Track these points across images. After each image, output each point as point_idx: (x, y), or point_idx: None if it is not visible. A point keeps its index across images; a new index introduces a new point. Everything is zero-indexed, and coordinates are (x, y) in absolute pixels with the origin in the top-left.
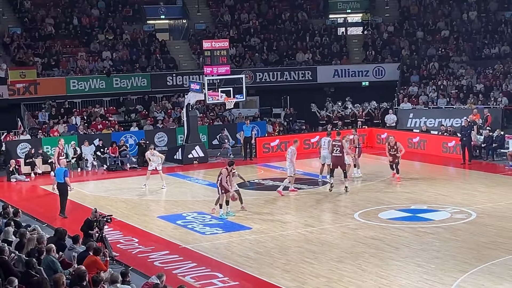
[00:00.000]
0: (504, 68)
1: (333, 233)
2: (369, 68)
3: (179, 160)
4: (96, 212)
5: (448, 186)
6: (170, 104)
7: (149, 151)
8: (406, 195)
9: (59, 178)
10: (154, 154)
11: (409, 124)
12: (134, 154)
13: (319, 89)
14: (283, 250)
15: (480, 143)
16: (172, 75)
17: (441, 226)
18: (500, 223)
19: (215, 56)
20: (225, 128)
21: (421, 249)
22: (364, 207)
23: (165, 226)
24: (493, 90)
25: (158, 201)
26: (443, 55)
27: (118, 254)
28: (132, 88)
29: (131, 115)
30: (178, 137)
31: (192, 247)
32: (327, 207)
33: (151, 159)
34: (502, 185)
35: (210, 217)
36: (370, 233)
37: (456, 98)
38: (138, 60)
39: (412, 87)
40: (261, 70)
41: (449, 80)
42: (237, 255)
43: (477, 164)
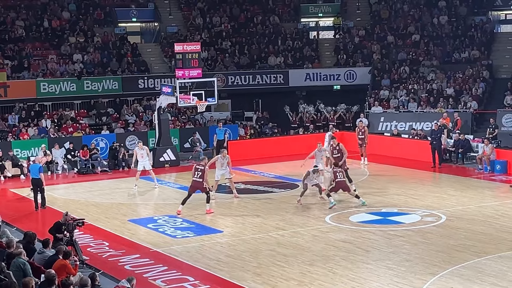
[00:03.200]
0: (473, 72)
1: (304, 236)
2: (341, 72)
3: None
4: (67, 216)
5: (419, 189)
6: (141, 107)
7: (138, 146)
8: (376, 198)
9: (34, 174)
10: (143, 148)
11: (380, 127)
12: (105, 158)
13: (291, 93)
14: (255, 253)
15: (450, 147)
16: (143, 78)
17: (411, 229)
18: (470, 226)
19: (187, 59)
20: (197, 131)
21: (391, 252)
22: (335, 210)
23: (136, 229)
24: (463, 94)
25: (129, 204)
26: (413, 59)
27: (88, 257)
28: (103, 91)
29: (102, 118)
30: (150, 140)
31: (163, 250)
32: (299, 210)
33: (138, 154)
34: (472, 189)
35: (182, 221)
36: (341, 236)
37: (427, 102)
38: (109, 63)
39: (383, 91)
40: (233, 73)
41: (419, 84)
42: (208, 258)
43: (447, 167)
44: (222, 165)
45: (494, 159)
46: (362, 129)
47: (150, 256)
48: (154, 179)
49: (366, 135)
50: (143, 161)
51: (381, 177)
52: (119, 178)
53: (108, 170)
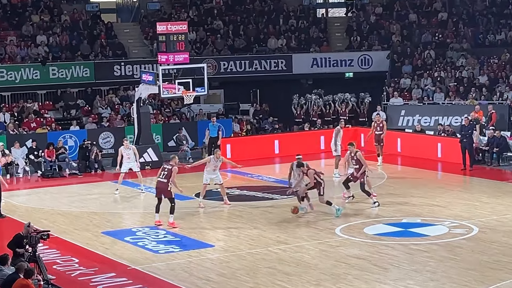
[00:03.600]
0: (511, 57)
1: (310, 252)
2: (354, 57)
3: None
4: (29, 227)
5: (446, 195)
6: (117, 99)
7: (123, 145)
8: (396, 206)
9: None
10: (130, 148)
11: (400, 122)
12: (74, 158)
13: (294, 81)
14: (251, 271)
15: (483, 145)
16: (120, 64)
17: (437, 243)
18: (506, 240)
19: (171, 42)
20: (183, 127)
21: (413, 270)
22: (347, 220)
23: (111, 243)
24: (498, 83)
25: (103, 213)
26: (440, 41)
27: (55, 277)
28: (72, 79)
29: (70, 112)
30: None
31: (143, 268)
32: (304, 220)
33: (124, 155)
34: (509, 195)
35: (165, 233)
36: (354, 251)
37: (456, 93)
38: (80, 46)
39: (404, 79)
40: (226, 58)
41: (447, 71)
42: (196, 277)
43: (480, 169)
44: (215, 168)
45: None
46: (380, 123)
47: (128, 275)
48: (142, 183)
49: (384, 130)
50: (129, 163)
51: (402, 181)
52: (91, 182)
53: (78, 173)
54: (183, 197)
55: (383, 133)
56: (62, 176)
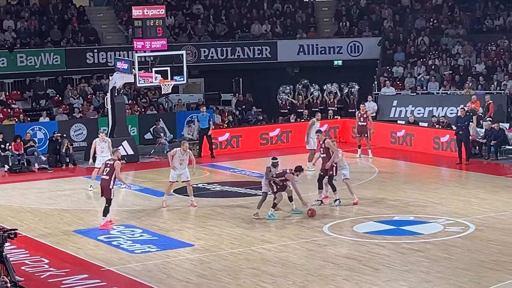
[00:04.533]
0: (510, 44)
1: (296, 251)
2: (343, 44)
3: None
4: None
5: (441, 191)
6: (90, 88)
7: (99, 137)
8: (388, 203)
9: None
10: (105, 140)
11: (392, 113)
12: (43, 152)
13: (280, 70)
14: (234, 272)
15: (480, 138)
16: (93, 51)
17: (432, 242)
18: (505, 238)
19: (148, 27)
20: (161, 118)
21: (406, 270)
22: (335, 217)
23: (83, 242)
24: (496, 71)
25: (74, 211)
26: (434, 27)
27: (23, 278)
28: (42, 67)
29: (40, 102)
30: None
31: (117, 269)
32: (290, 218)
33: (98, 147)
34: (507, 190)
35: (141, 231)
36: (343, 251)
37: (451, 82)
38: (50, 31)
39: (396, 68)
40: (206, 45)
41: (442, 59)
42: (175, 279)
43: (477, 164)
44: (181, 162)
45: None
46: (364, 114)
47: (102, 277)
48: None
49: (369, 121)
50: (103, 156)
51: (394, 176)
52: (62, 177)
53: (47, 167)
54: (161, 193)
55: (367, 124)
56: (31, 171)
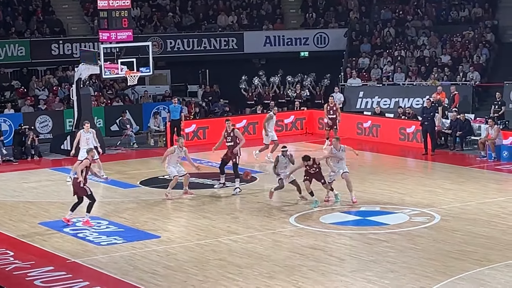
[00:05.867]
0: (475, 35)
1: (263, 242)
2: (309, 35)
3: (67, 150)
4: None
5: (407, 182)
6: (55, 80)
7: (84, 128)
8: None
9: None
10: (90, 132)
11: (358, 105)
12: (8, 144)
13: (246, 61)
14: (200, 263)
15: (446, 129)
16: (58, 42)
17: (397, 232)
18: (470, 228)
19: (114, 18)
20: (127, 110)
21: (372, 260)
22: (302, 208)
23: (48, 234)
24: (462, 62)
25: (40, 203)
26: (400, 18)
27: None
28: (6, 58)
29: (4, 94)
30: (67, 122)
31: (83, 261)
32: (256, 209)
33: (83, 138)
34: (472, 181)
35: (107, 223)
36: (310, 242)
37: (417, 73)
38: (14, 22)
39: (363, 59)
40: (172, 36)
41: (408, 50)
42: (141, 270)
43: (442, 154)
44: (178, 160)
45: (501, 143)
46: (333, 106)
47: (67, 269)
48: (101, 170)
49: (338, 114)
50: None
51: (360, 167)
52: (27, 169)
53: (12, 159)
54: (127, 185)
55: (337, 116)
56: None
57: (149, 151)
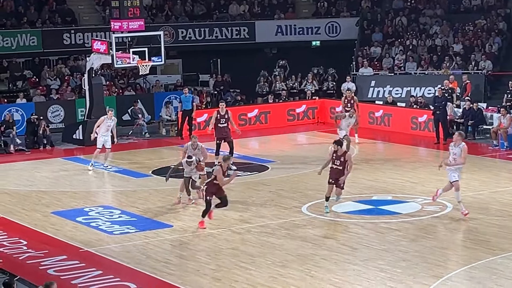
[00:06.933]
0: (487, 24)
1: (275, 231)
2: (321, 24)
3: (79, 140)
4: None
5: (419, 171)
6: (67, 69)
7: (107, 115)
8: (366, 183)
9: None
10: (113, 119)
11: (370, 94)
12: (21, 133)
13: (258, 50)
14: (213, 253)
15: (458, 118)
16: (70, 32)
17: (410, 221)
18: (482, 217)
19: (125, 8)
20: (139, 99)
21: (384, 249)
22: (314, 198)
23: (61, 224)
24: (474, 51)
25: (53, 192)
26: (412, 7)
27: (1, 260)
28: (18, 48)
29: (17, 84)
30: (78, 111)
31: (96, 250)
32: (269, 198)
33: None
34: (485, 170)
35: (120, 213)
36: (322, 231)
37: (429, 62)
38: (26, 12)
39: (374, 48)
40: (184, 26)
41: (420, 39)
42: (154, 259)
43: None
44: None
45: None
46: (350, 100)
47: (80, 258)
48: (106, 161)
49: (356, 106)
50: (105, 136)
51: (372, 156)
52: (40, 159)
53: (25, 149)
54: (139, 175)
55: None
56: (8, 153)
57: (161, 140)
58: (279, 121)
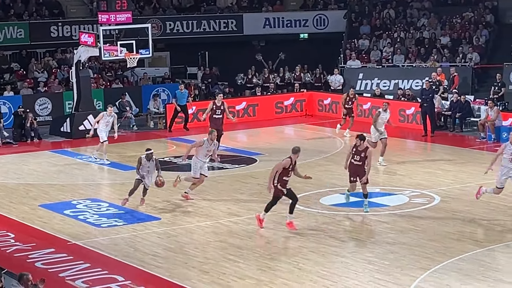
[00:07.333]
0: (475, 16)
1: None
2: (309, 17)
3: (67, 133)
4: None
5: (406, 163)
6: (55, 62)
7: (107, 111)
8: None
9: None
10: (112, 115)
11: (358, 86)
12: (8, 126)
13: (246, 43)
14: (201, 245)
15: (445, 110)
16: (57, 24)
17: (397, 213)
18: (470, 209)
19: (113, 0)
20: (127, 92)
21: (372, 242)
22: (302, 190)
23: (49, 217)
24: (461, 44)
25: (40, 185)
26: (400, 0)
27: None
28: (5, 41)
29: (4, 76)
30: (66, 104)
31: (84, 243)
32: (256, 191)
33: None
34: (472, 162)
35: (108, 205)
36: (310, 223)
37: (416, 55)
38: (13, 4)
39: (362, 41)
40: (172, 18)
41: (407, 32)
42: (142, 252)
43: (442, 136)
44: (207, 154)
45: (500, 125)
46: (352, 97)
47: (68, 251)
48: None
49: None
50: (104, 131)
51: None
52: (27, 152)
53: (12, 142)
54: (128, 167)
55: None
56: None
57: (149, 133)
58: (267, 113)
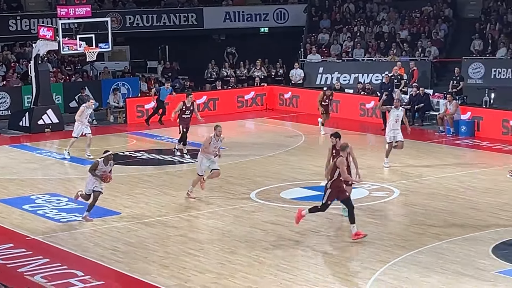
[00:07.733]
0: (433, 11)
1: (224, 218)
2: (269, 11)
3: (26, 127)
4: None
5: (366, 157)
6: (13, 56)
7: (87, 104)
8: (314, 169)
9: None
10: (91, 108)
11: (318, 80)
12: None
13: (206, 37)
14: (161, 240)
15: (405, 104)
16: (15, 18)
17: (357, 207)
18: (429, 202)
19: None
20: (86, 86)
21: (332, 235)
22: (262, 184)
23: (8, 212)
24: (420, 38)
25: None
26: None
27: None
28: None
29: None
30: (25, 98)
31: (43, 238)
32: (217, 184)
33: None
34: (431, 155)
35: (67, 200)
36: (270, 217)
37: (376, 49)
38: None
39: (322, 35)
40: (131, 12)
41: (367, 26)
42: (101, 247)
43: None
44: (215, 150)
45: (459, 118)
46: (329, 95)
47: (27, 246)
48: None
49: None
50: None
51: (319, 142)
52: None
53: None
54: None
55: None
56: None
57: (109, 127)
58: (228, 107)
